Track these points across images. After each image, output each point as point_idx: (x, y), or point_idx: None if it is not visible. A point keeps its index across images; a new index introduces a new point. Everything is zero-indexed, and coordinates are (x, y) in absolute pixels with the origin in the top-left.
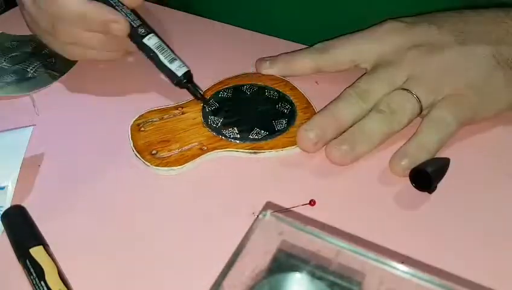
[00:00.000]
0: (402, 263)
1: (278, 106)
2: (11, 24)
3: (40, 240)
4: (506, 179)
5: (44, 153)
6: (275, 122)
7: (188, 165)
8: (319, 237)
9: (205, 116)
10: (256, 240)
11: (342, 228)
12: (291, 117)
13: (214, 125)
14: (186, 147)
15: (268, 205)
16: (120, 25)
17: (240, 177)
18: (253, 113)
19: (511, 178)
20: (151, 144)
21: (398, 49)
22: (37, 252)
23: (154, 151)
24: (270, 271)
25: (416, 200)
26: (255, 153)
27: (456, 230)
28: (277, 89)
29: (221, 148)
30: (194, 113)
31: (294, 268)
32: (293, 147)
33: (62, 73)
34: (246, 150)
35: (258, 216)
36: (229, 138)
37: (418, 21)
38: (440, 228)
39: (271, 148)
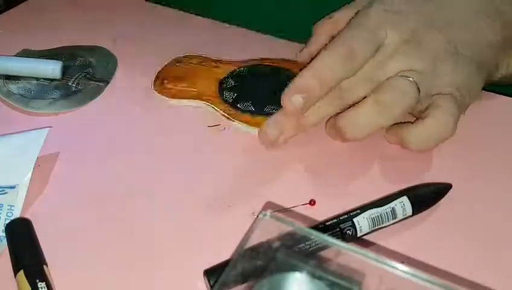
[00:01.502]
0: (402, 263)
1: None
2: (11, 24)
3: (27, 261)
4: (506, 178)
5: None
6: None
7: (172, 101)
8: (319, 237)
9: (220, 88)
10: (256, 240)
11: None
12: None
13: (228, 85)
14: (189, 89)
15: (268, 205)
16: None
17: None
18: (263, 90)
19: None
20: (169, 76)
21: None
22: (20, 277)
23: (165, 81)
24: (270, 271)
25: None
26: (228, 118)
27: (456, 230)
28: (293, 71)
29: (209, 103)
30: (224, 71)
31: (294, 268)
32: None
33: (105, 82)
34: (222, 112)
35: (258, 216)
36: (229, 102)
37: (404, 11)
38: (440, 227)
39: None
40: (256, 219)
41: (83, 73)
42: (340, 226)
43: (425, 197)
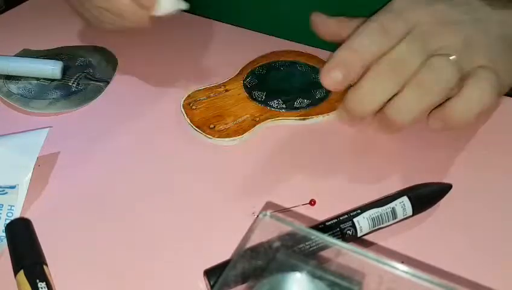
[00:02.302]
0: (402, 263)
1: (313, 77)
2: (11, 24)
3: (27, 261)
4: (506, 178)
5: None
6: (314, 91)
7: (246, 135)
8: (319, 237)
9: (249, 92)
10: (256, 240)
11: None
12: None
13: (260, 98)
14: (240, 120)
15: (268, 205)
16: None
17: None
18: (292, 85)
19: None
20: (207, 119)
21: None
22: (20, 277)
23: (212, 126)
24: (270, 271)
25: None
26: (303, 119)
27: (456, 230)
28: (306, 63)
29: (273, 118)
30: (238, 89)
31: (294, 268)
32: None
33: (105, 82)
34: (296, 118)
35: (258, 216)
36: (277, 108)
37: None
38: (440, 227)
39: (318, 114)
40: (256, 219)
41: (83, 73)
42: (340, 226)
43: (425, 197)
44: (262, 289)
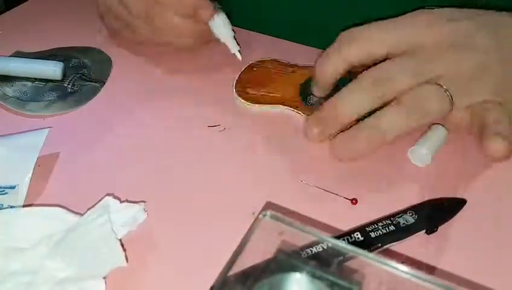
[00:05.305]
0: (402, 263)
1: None
2: (11, 24)
3: None
4: (507, 177)
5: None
6: None
7: (258, 107)
8: (319, 237)
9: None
10: (256, 240)
11: (342, 228)
12: None
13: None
14: (271, 94)
15: (268, 205)
16: (206, 11)
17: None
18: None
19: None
20: (250, 81)
21: (435, 44)
22: None
23: (248, 88)
24: (270, 271)
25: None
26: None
27: (456, 230)
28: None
29: (294, 108)
30: (301, 76)
31: (294, 268)
32: None
33: (101, 82)
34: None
35: (258, 216)
36: (308, 104)
37: (456, 18)
38: (440, 227)
39: None
40: (256, 219)
41: (78, 74)
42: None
43: (438, 216)
44: (262, 289)
